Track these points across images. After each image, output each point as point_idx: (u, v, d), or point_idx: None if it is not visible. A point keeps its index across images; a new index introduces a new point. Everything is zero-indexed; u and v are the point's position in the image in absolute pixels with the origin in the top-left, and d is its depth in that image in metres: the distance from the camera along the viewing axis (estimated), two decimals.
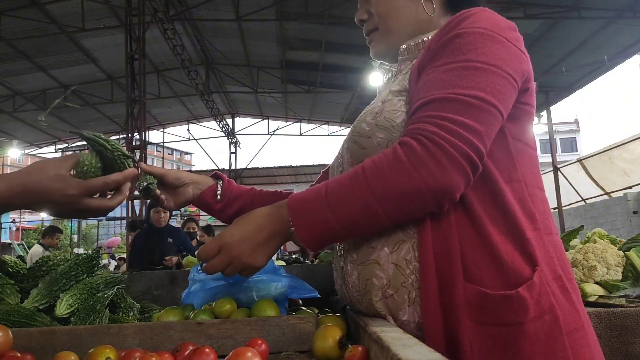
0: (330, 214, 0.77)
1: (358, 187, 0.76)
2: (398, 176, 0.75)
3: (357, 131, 0.91)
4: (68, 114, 14.35)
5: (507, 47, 0.81)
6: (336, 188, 0.78)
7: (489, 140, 0.78)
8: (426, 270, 0.79)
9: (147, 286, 1.30)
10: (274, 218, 0.83)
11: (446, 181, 0.74)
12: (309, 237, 0.79)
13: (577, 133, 35.00)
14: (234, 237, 0.83)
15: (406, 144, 0.76)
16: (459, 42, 0.82)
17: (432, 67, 0.83)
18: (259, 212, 0.85)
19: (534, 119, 0.91)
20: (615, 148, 10.46)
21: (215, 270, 0.86)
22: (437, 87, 0.79)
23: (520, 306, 0.75)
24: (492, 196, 0.81)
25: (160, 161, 24.21)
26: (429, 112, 0.77)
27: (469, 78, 0.78)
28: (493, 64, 0.79)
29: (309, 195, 0.81)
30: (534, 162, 0.88)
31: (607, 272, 1.76)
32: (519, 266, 0.77)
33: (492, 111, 0.77)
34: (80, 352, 0.78)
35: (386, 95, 0.91)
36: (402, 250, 0.83)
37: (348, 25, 9.41)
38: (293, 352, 0.85)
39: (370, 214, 0.76)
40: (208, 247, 0.86)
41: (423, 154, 0.74)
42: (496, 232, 0.79)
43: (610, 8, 8.07)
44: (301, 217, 0.79)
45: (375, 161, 0.78)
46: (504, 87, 0.79)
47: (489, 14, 0.85)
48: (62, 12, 9.50)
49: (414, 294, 0.81)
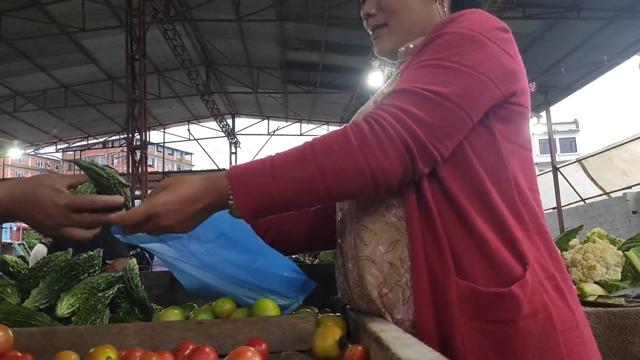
0: (273, 183, 0.77)
1: (304, 159, 0.78)
2: (344, 153, 0.77)
3: None
4: (69, 114, 14.35)
5: (487, 48, 0.81)
6: (282, 159, 0.79)
7: (444, 134, 0.78)
8: (418, 268, 0.80)
9: (147, 286, 1.30)
10: (211, 190, 0.81)
11: (386, 164, 0.76)
12: (247, 206, 0.78)
13: (576, 133, 35.01)
14: (167, 207, 0.80)
15: (356, 124, 0.79)
16: (438, 42, 0.83)
17: (409, 66, 0.85)
18: (195, 181, 0.82)
19: (528, 119, 0.90)
20: (615, 148, 10.46)
21: (135, 232, 0.83)
22: (403, 82, 0.82)
23: (514, 304, 0.75)
24: (479, 196, 0.81)
25: (161, 161, 24.19)
26: (387, 101, 0.80)
27: (435, 75, 0.80)
28: (465, 64, 0.79)
29: (252, 166, 0.81)
30: (527, 163, 0.88)
31: (607, 272, 1.77)
32: (510, 264, 0.78)
33: (451, 107, 0.78)
34: (81, 351, 0.78)
35: (378, 95, 0.93)
36: (397, 249, 0.83)
37: (348, 26, 9.41)
38: (293, 352, 0.85)
39: (312, 188, 0.77)
40: (135, 214, 0.81)
41: (369, 135, 0.76)
42: (487, 231, 0.79)
43: (610, 8, 8.06)
44: (242, 185, 0.78)
45: (325, 138, 0.80)
46: (473, 87, 0.79)
47: (479, 14, 0.85)
48: (63, 12, 9.50)
49: (408, 292, 0.82)
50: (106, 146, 23.36)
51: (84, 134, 16.99)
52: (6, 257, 1.31)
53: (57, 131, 15.67)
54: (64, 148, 18.25)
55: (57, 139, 16.85)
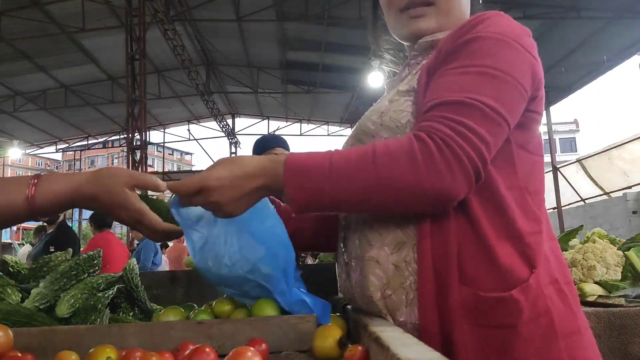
0: (328, 184, 0.75)
1: (365, 167, 0.75)
2: (408, 170, 0.73)
3: (362, 129, 0.91)
4: (69, 114, 14.35)
5: (521, 55, 0.81)
6: (342, 162, 0.76)
7: (494, 151, 0.78)
8: (424, 272, 0.79)
9: (147, 286, 1.30)
10: (268, 171, 0.78)
11: (451, 187, 0.74)
12: (298, 198, 0.77)
13: (576, 133, 35.04)
14: (221, 181, 0.77)
15: (422, 140, 0.74)
16: (475, 46, 0.81)
17: (446, 69, 0.82)
18: (252, 160, 0.79)
19: (540, 123, 0.90)
20: (615, 148, 10.46)
21: (188, 204, 0.82)
22: (453, 89, 0.79)
23: (515, 308, 0.75)
24: (493, 202, 0.81)
25: (161, 161, 24.19)
26: (445, 114, 0.76)
27: (485, 85, 0.78)
28: (508, 73, 0.79)
29: (311, 159, 0.78)
30: (537, 168, 0.88)
31: (607, 272, 1.77)
32: (516, 269, 0.77)
33: (502, 124, 0.78)
34: (81, 351, 0.78)
35: (393, 94, 0.91)
36: (403, 251, 0.83)
37: (348, 26, 9.40)
38: (293, 352, 0.85)
39: (365, 199, 0.75)
40: (188, 184, 0.79)
41: (437, 156, 0.73)
42: (495, 236, 0.79)
43: (610, 8, 8.06)
44: (298, 178, 0.76)
45: (389, 147, 0.76)
46: (516, 100, 0.80)
47: (505, 18, 0.85)
48: (63, 12, 9.50)
49: (412, 295, 0.81)
50: (106, 146, 23.37)
51: (84, 134, 16.99)
52: (6, 257, 1.31)
53: (57, 131, 15.68)
54: (64, 148, 18.26)
55: (57, 139, 16.85)
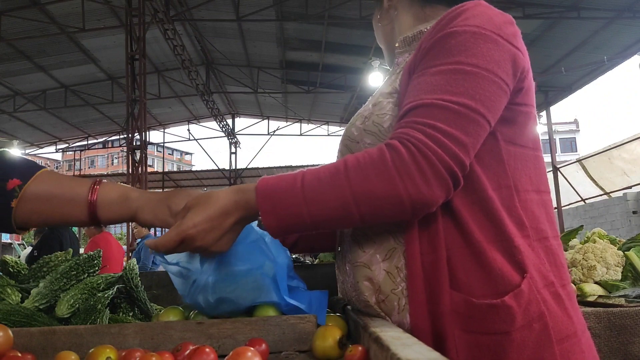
0: (304, 207, 0.74)
1: (338, 184, 0.74)
2: (381, 181, 0.72)
3: (347, 135, 0.91)
4: (69, 114, 14.35)
5: (500, 47, 0.78)
6: (314, 182, 0.75)
7: (473, 152, 0.76)
8: (414, 278, 0.79)
9: (147, 286, 1.30)
10: (240, 204, 0.78)
11: (428, 194, 0.72)
12: (275, 225, 0.76)
13: (576, 133, 35.05)
14: (198, 227, 0.78)
15: (394, 148, 0.73)
16: (450, 42, 0.79)
17: (422, 69, 0.81)
18: (221, 195, 0.79)
19: (533, 117, 0.87)
20: (615, 148, 10.46)
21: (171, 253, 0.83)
22: (426, 90, 0.77)
23: (507, 315, 0.73)
24: (480, 204, 0.79)
25: (161, 161, 24.18)
26: (418, 118, 0.75)
27: (459, 83, 0.76)
28: (484, 67, 0.76)
29: (281, 184, 0.77)
30: (532, 164, 0.85)
31: (607, 272, 1.77)
32: (507, 274, 0.76)
33: (480, 121, 0.75)
34: (81, 352, 0.78)
35: (377, 97, 0.90)
36: (394, 258, 0.82)
37: (348, 26, 9.41)
38: (293, 352, 0.85)
39: (345, 214, 0.74)
40: (168, 239, 0.79)
41: (410, 163, 0.72)
42: (484, 240, 0.77)
43: (610, 8, 8.07)
44: (271, 204, 0.75)
45: (359, 160, 0.75)
46: (494, 94, 0.77)
47: (484, 8, 0.82)
48: (63, 12, 9.50)
49: (404, 301, 0.80)
50: (106, 146, 23.39)
51: (83, 134, 16.99)
52: (6, 257, 1.31)
53: (57, 131, 15.68)
54: (63, 148, 18.26)
55: (57, 139, 16.85)
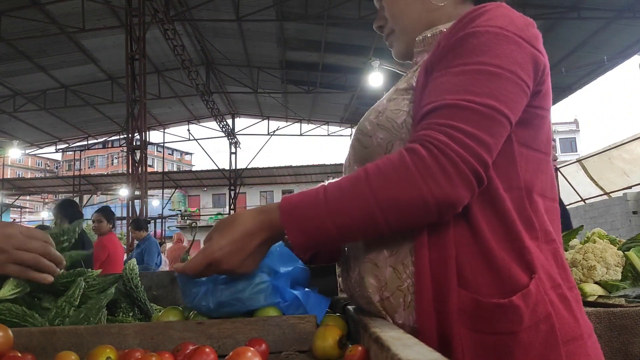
0: (329, 220, 0.74)
1: (361, 193, 0.74)
2: (404, 185, 0.72)
3: (360, 129, 0.91)
4: (69, 114, 14.36)
5: (522, 49, 0.78)
6: (336, 193, 0.75)
7: (496, 152, 0.76)
8: (421, 275, 0.78)
9: (147, 286, 1.30)
10: (265, 225, 0.79)
11: (453, 195, 0.72)
12: (302, 242, 0.76)
13: (576, 133, 35.06)
14: (223, 250, 0.79)
15: (415, 151, 0.73)
16: (473, 42, 0.79)
17: (443, 68, 0.80)
18: (246, 216, 0.81)
19: (548, 121, 0.87)
20: (615, 148, 10.46)
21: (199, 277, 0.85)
22: (449, 91, 0.77)
23: (514, 315, 0.73)
24: (491, 204, 0.79)
25: (161, 161, 24.18)
26: (440, 120, 0.75)
27: (482, 83, 0.75)
28: (507, 69, 0.76)
29: (305, 199, 0.77)
30: (542, 168, 0.85)
31: (607, 272, 1.76)
32: (515, 274, 0.76)
33: (503, 122, 0.75)
34: (81, 352, 0.78)
35: (392, 93, 0.90)
36: (401, 254, 0.82)
37: (348, 26, 9.41)
38: (293, 352, 0.85)
39: (371, 222, 0.74)
40: (195, 264, 0.81)
41: (432, 165, 0.71)
42: (494, 240, 0.77)
43: (610, 8, 8.07)
44: (296, 221, 0.76)
45: (379, 167, 0.75)
46: (517, 95, 0.77)
47: (506, 10, 0.82)
48: (63, 12, 9.51)
49: (410, 298, 0.80)
50: (106, 146, 23.41)
51: (83, 134, 17.01)
52: None
53: (57, 131, 15.68)
54: (63, 148, 18.28)
55: (57, 139, 16.86)
